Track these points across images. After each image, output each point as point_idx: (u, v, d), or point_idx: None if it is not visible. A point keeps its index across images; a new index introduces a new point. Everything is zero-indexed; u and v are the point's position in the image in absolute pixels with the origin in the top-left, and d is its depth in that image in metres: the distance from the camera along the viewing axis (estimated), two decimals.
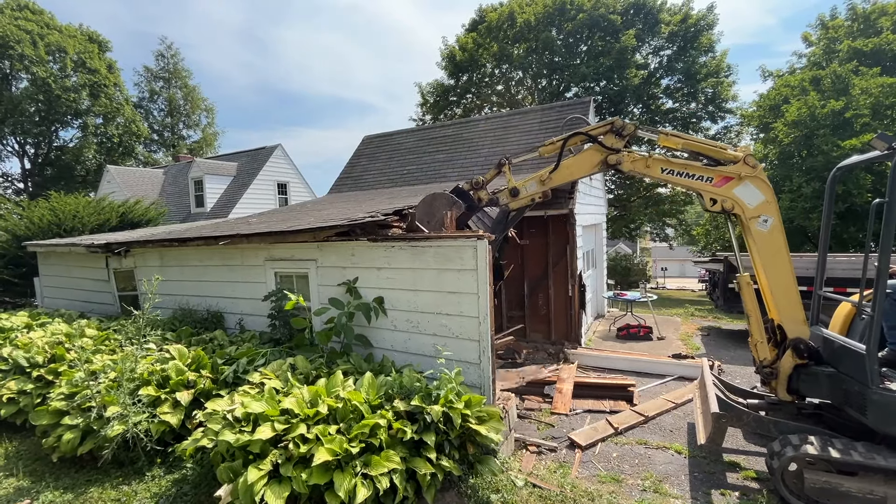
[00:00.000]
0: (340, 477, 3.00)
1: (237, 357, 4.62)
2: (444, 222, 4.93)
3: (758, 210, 4.22)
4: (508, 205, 4.90)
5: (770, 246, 4.21)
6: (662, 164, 4.44)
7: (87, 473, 3.86)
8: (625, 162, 4.46)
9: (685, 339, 10.24)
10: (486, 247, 4.60)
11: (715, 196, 4.29)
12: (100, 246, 7.41)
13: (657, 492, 4.18)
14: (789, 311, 4.31)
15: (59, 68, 29.56)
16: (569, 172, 4.72)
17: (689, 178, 4.38)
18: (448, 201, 4.88)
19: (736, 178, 4.21)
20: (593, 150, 4.60)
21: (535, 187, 4.79)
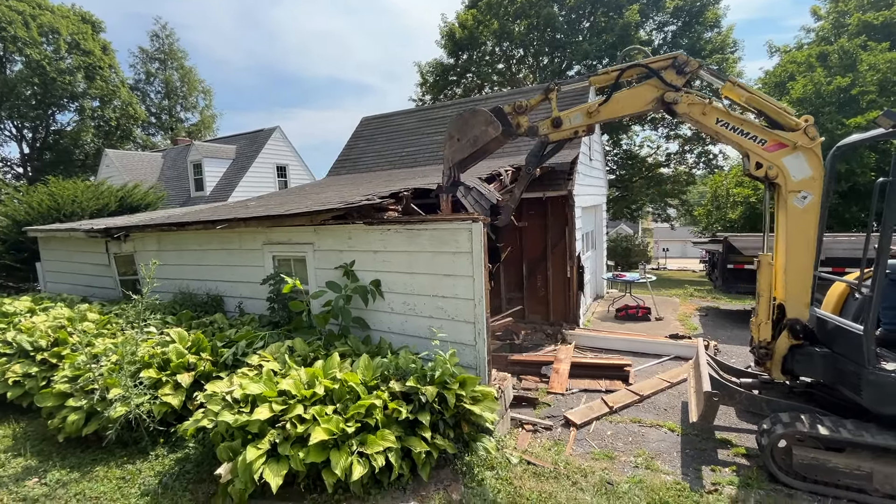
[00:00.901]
0: (337, 455, 3.08)
1: (236, 340, 4.69)
2: (475, 141, 4.58)
3: (801, 185, 4.03)
4: (548, 136, 4.54)
5: (801, 224, 4.06)
6: (720, 115, 4.13)
7: (92, 453, 3.97)
8: (681, 103, 4.14)
9: (683, 319, 10.30)
10: (480, 229, 4.60)
11: (762, 160, 4.06)
12: (99, 231, 7.44)
13: (649, 468, 4.28)
14: (798, 292, 4.20)
15: (53, 50, 29.14)
16: (620, 107, 4.39)
17: (741, 136, 4.11)
18: (486, 119, 4.49)
19: (790, 147, 4.00)
20: (650, 86, 4.27)
21: (581, 119, 4.44)
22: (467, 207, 6.25)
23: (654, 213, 27.76)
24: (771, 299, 4.39)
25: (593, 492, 3.82)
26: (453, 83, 28.35)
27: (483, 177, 7.48)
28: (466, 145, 4.65)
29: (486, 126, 4.52)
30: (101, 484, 3.51)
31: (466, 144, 4.64)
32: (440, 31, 27.53)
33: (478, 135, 4.56)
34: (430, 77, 28.38)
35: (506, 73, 27.67)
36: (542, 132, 4.55)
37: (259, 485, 2.98)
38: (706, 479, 4.06)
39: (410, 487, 3.39)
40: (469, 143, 4.63)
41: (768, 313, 4.38)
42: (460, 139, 4.68)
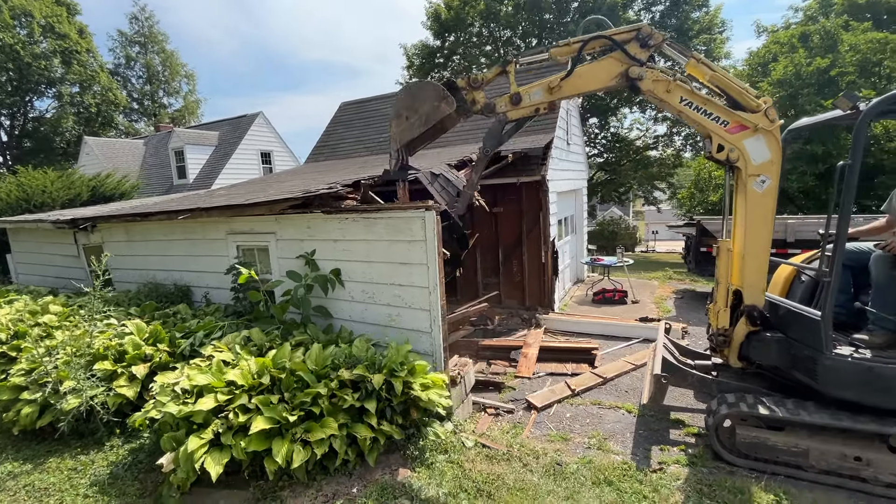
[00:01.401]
0: (279, 444, 3.14)
1: (195, 331, 4.70)
2: (426, 119, 4.16)
3: (760, 168, 3.95)
4: (507, 114, 4.20)
5: (759, 208, 4.00)
6: (684, 94, 3.96)
7: (47, 445, 4.01)
8: (646, 79, 3.94)
9: (659, 302, 10.44)
10: (433, 217, 4.59)
11: (724, 143, 3.95)
12: (66, 221, 7.35)
13: (600, 449, 4.39)
14: (754, 277, 4.18)
15: (27, 34, 28.27)
16: (583, 82, 4.12)
17: (705, 116, 3.98)
18: (437, 94, 4.07)
19: (751, 129, 3.88)
20: (614, 59, 4.03)
21: (542, 95, 4.15)
22: (433, 195, 6.24)
23: (640, 196, 27.82)
24: (728, 286, 4.42)
25: (541, 473, 3.92)
26: (440, 66, 27.92)
27: (453, 163, 7.45)
28: (416, 124, 4.22)
29: (437, 101, 4.08)
30: (52, 475, 3.56)
31: (416, 123, 4.22)
32: (426, 11, 27.03)
33: (429, 111, 4.12)
34: (416, 60, 27.94)
35: (493, 55, 27.28)
36: (499, 109, 4.21)
37: (202, 474, 3.03)
38: (654, 459, 4.18)
39: (357, 473, 3.46)
40: (419, 122, 4.20)
41: (726, 300, 4.40)
42: (409, 117, 4.25)
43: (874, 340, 3.58)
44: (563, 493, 3.63)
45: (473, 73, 4.14)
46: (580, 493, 3.62)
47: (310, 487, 3.25)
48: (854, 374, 3.47)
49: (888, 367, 3.36)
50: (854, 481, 3.67)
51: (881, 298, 3.59)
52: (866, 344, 3.60)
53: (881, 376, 3.38)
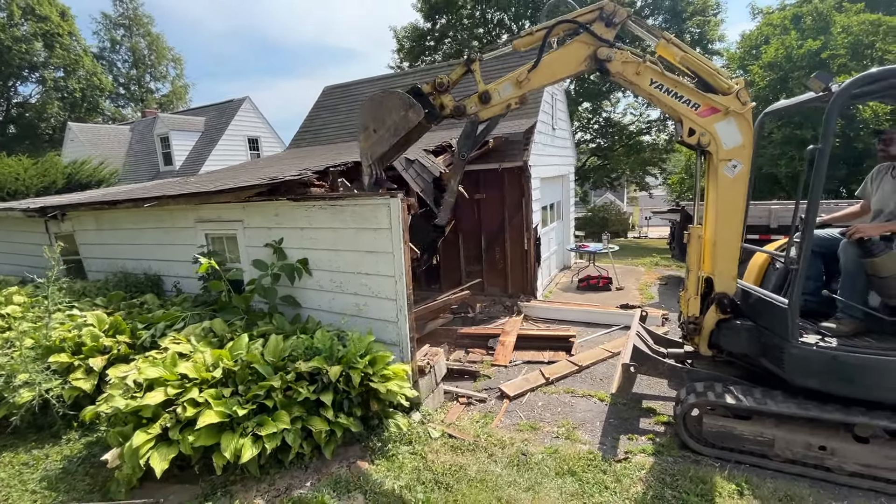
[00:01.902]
0: (228, 438, 3.06)
1: (156, 321, 4.60)
2: (395, 130, 3.96)
3: (731, 153, 3.84)
4: (478, 114, 4.05)
5: (730, 194, 3.90)
6: (654, 76, 3.84)
7: (4, 438, 3.93)
8: (615, 60, 3.80)
9: (643, 288, 10.40)
10: (398, 205, 4.45)
11: (695, 126, 3.83)
12: (35, 210, 7.18)
13: (568, 438, 4.36)
14: (725, 265, 4.10)
15: (7, 16, 27.50)
16: (551, 71, 3.97)
17: (675, 99, 3.85)
18: (403, 103, 3.87)
19: (722, 112, 3.77)
20: (580, 43, 3.88)
21: (511, 90, 3.97)
22: (408, 182, 6.10)
23: (632, 182, 27.68)
24: (699, 273, 4.35)
25: (506, 463, 3.88)
26: (431, 49, 27.42)
27: (430, 148, 7.30)
28: (385, 136, 4.00)
29: (404, 111, 3.86)
30: (2, 470, 3.48)
31: (385, 135, 4.00)
32: None
33: (397, 122, 3.91)
34: (407, 43, 27.40)
35: (485, 37, 26.78)
36: (470, 111, 4.03)
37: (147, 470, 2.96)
38: (620, 448, 4.15)
39: (313, 466, 3.40)
40: (388, 134, 3.98)
41: (697, 288, 4.34)
42: (377, 129, 4.03)
43: (841, 329, 3.53)
44: (524, 484, 3.59)
45: (438, 77, 3.95)
46: (541, 485, 3.58)
47: (262, 482, 3.19)
48: (819, 362, 3.43)
49: (852, 356, 3.31)
50: (818, 470, 3.65)
51: (848, 286, 3.53)
52: (833, 332, 3.55)
53: (845, 365, 3.33)
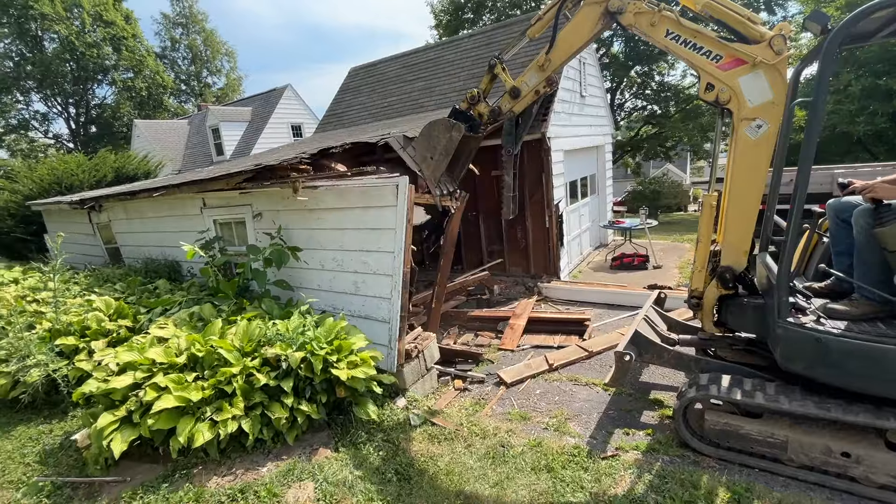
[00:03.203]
0: (184, 422, 3.11)
1: (154, 306, 4.81)
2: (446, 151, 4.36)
3: (756, 111, 3.31)
4: (513, 109, 4.17)
5: (751, 158, 3.40)
6: (670, 26, 3.50)
7: (21, 414, 4.32)
8: (627, 13, 3.55)
9: (684, 267, 9.55)
10: (405, 183, 4.42)
11: (713, 81, 3.39)
12: (77, 202, 7.79)
13: (557, 430, 4.06)
14: (736, 236, 3.65)
15: (80, 24, 29.99)
16: (568, 44, 3.88)
17: (693, 51, 3.45)
18: (446, 126, 4.31)
19: (749, 64, 3.27)
20: (590, 4, 3.70)
21: (536, 77, 3.99)
22: (406, 161, 5.90)
23: (689, 150, 25.46)
24: (708, 246, 3.87)
25: (481, 455, 3.68)
26: (469, 21, 26.48)
27: None
28: (441, 159, 4.39)
29: (448, 132, 4.29)
30: (11, 443, 3.83)
31: (441, 158, 4.39)
32: None
33: (445, 144, 4.32)
34: (444, 17, 26.65)
35: (524, 3, 25.38)
36: (505, 109, 4.13)
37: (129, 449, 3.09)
38: (612, 444, 3.80)
39: (275, 452, 3.40)
40: (442, 157, 4.38)
41: (705, 260, 3.87)
42: (433, 156, 4.43)
43: (852, 311, 2.97)
44: (493, 479, 3.38)
45: (469, 92, 4.23)
46: (512, 480, 3.35)
47: (221, 465, 3.24)
48: (803, 345, 3.00)
49: (836, 339, 2.79)
50: (841, 480, 3.12)
51: (862, 261, 2.96)
52: (841, 314, 3.00)
53: (829, 350, 2.84)
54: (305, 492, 2.97)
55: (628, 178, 31.14)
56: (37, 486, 3.17)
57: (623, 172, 33.52)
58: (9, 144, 32.99)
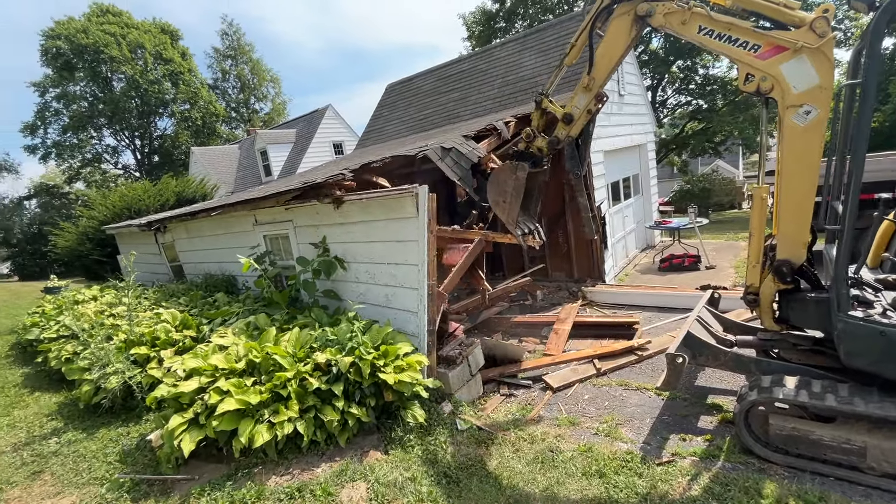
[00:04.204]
0: (245, 424, 3.30)
1: (214, 317, 5.14)
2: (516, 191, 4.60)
3: (803, 97, 3.17)
4: (570, 134, 4.33)
5: (801, 146, 3.26)
6: (702, 22, 3.47)
7: (103, 417, 4.72)
8: (656, 14, 3.60)
9: (741, 266, 9.04)
10: (425, 194, 4.46)
11: (752, 71, 3.32)
12: (145, 225, 8.48)
13: (608, 435, 3.95)
14: (793, 229, 3.50)
15: (143, 63, 32.78)
16: (607, 60, 3.99)
17: (729, 43, 3.39)
18: (510, 169, 4.57)
19: (790, 50, 3.17)
20: (620, 16, 3.78)
21: (585, 99, 4.14)
22: (445, 171, 6.01)
23: (741, 144, 24.13)
24: (762, 240, 3.72)
25: (530, 460, 3.64)
26: (501, 30, 26.64)
27: (471, 134, 7.09)
28: (513, 201, 4.63)
29: (514, 174, 4.52)
30: (96, 444, 4.19)
31: (512, 200, 4.63)
32: None
33: (514, 186, 4.55)
34: (476, 28, 26.96)
35: (557, 8, 25.23)
36: (562, 137, 4.34)
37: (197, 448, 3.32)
38: (667, 450, 3.65)
39: (329, 454, 3.52)
40: (513, 198, 4.62)
41: (759, 255, 3.72)
42: (505, 199, 4.67)
43: None
44: (543, 483, 3.33)
45: (525, 131, 4.47)
46: (562, 485, 3.29)
47: (279, 465, 3.39)
48: (866, 339, 2.85)
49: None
50: None
51: None
52: None
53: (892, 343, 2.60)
54: (358, 492, 3.06)
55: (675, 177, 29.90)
56: (118, 483, 3.46)
57: (669, 171, 32.24)
58: (84, 177, 36.36)
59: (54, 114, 32.96)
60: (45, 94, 32.25)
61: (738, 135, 23.37)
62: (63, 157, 34.24)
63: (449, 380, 4.53)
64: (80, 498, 3.41)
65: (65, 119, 33.06)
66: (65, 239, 13.28)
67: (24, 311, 9.66)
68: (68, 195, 34.10)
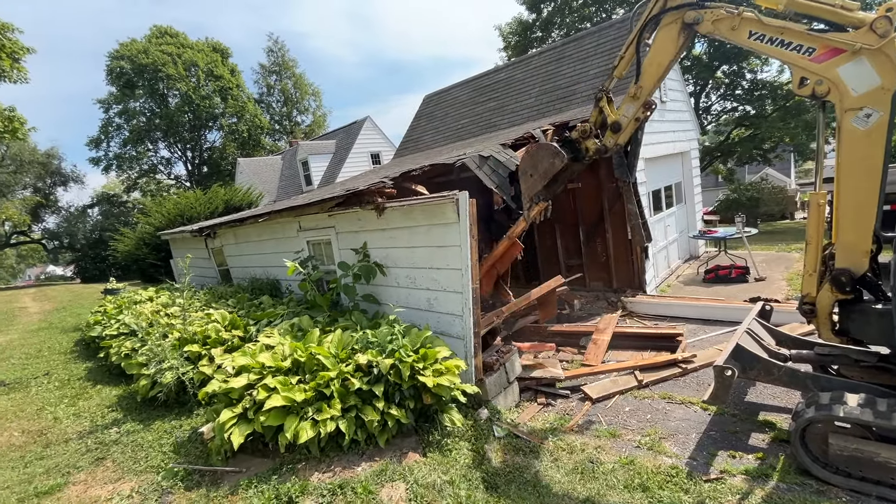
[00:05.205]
0: (290, 420, 3.43)
1: (260, 318, 5.37)
2: (545, 174, 4.66)
3: (863, 100, 3.07)
4: (618, 143, 4.33)
5: (862, 149, 3.14)
6: (752, 27, 3.40)
7: (158, 410, 5.01)
8: (705, 21, 3.56)
9: (794, 278, 8.56)
10: (466, 199, 4.53)
11: (807, 74, 3.24)
12: (195, 231, 8.97)
13: (651, 449, 3.83)
14: (854, 237, 3.33)
15: (195, 80, 34.88)
16: (655, 69, 3.99)
17: (781, 47, 3.31)
18: (551, 152, 4.56)
19: (848, 52, 3.07)
20: (667, 25, 3.77)
21: (633, 107, 4.15)
22: (482, 179, 6.07)
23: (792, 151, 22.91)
24: (819, 248, 3.55)
25: (568, 470, 3.59)
26: (537, 40, 26.63)
27: (508, 142, 7.14)
28: (538, 179, 4.71)
29: (552, 159, 4.55)
30: (152, 435, 4.44)
31: (538, 178, 4.71)
32: None
33: (546, 168, 4.62)
34: (512, 39, 27.08)
35: (595, 17, 25.00)
36: (609, 145, 4.35)
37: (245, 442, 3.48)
38: (715, 467, 3.50)
39: (369, 453, 3.59)
40: (540, 177, 4.70)
41: (816, 264, 3.55)
42: (532, 174, 4.76)
43: None
44: (583, 494, 3.27)
45: (581, 126, 4.40)
46: (603, 497, 3.22)
47: (321, 462, 3.49)
48: None
49: None
50: None
51: None
52: None
53: None
54: (398, 492, 3.11)
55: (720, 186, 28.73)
56: (172, 472, 3.66)
57: (713, 180, 31.02)
58: (141, 186, 38.87)
59: (116, 128, 35.52)
60: (109, 110, 34.84)
61: (789, 141, 22.21)
62: (122, 169, 36.78)
63: (486, 386, 4.53)
64: (139, 484, 3.62)
65: (125, 133, 35.55)
66: (124, 244, 14.29)
67: (86, 311, 10.40)
68: (126, 203, 36.57)
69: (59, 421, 5.16)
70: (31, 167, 28.20)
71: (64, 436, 4.76)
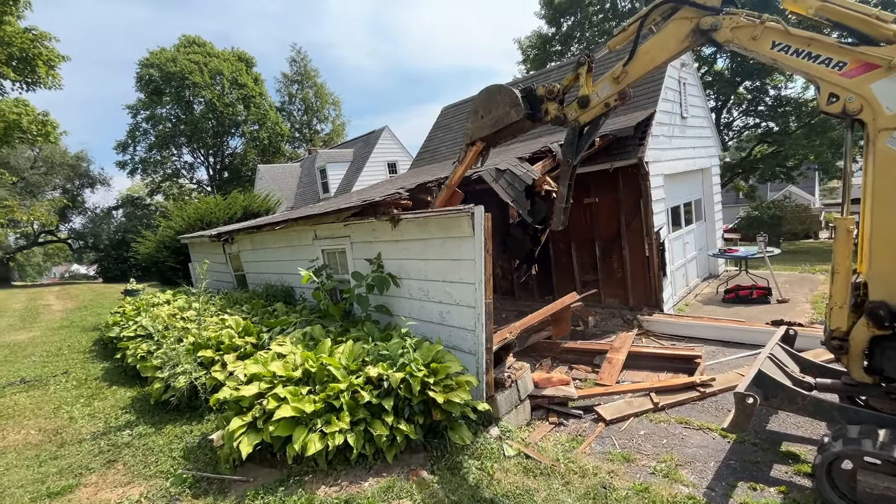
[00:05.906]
0: (299, 431, 3.41)
1: (273, 326, 5.40)
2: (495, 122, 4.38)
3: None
4: (578, 119, 4.04)
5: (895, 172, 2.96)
6: (776, 37, 3.16)
7: (170, 414, 5.05)
8: (723, 28, 3.28)
9: (818, 301, 8.29)
10: (482, 213, 4.50)
11: (837, 90, 3.03)
12: (213, 236, 9.13)
13: (667, 476, 3.70)
14: (889, 266, 3.11)
15: (220, 88, 35.83)
16: (649, 58, 3.69)
17: (808, 60, 3.08)
18: (510, 100, 4.24)
19: (883, 67, 2.89)
20: (680, 19, 3.49)
21: (609, 88, 3.85)
22: (498, 193, 6.05)
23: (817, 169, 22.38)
24: (851, 276, 3.36)
25: (580, 495, 3.48)
26: (557, 53, 26.71)
27: (525, 156, 7.12)
28: (487, 124, 4.46)
29: (508, 108, 4.25)
30: (163, 438, 4.47)
31: (487, 123, 4.46)
32: None
33: (499, 115, 4.34)
34: (531, 52, 27.22)
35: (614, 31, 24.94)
36: (571, 118, 4.08)
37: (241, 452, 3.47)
38: (735, 498, 3.36)
39: (376, 468, 3.55)
40: (490, 123, 4.44)
41: (846, 295, 3.36)
42: (483, 116, 4.49)
43: None
44: None
45: (551, 84, 4.14)
46: None
47: (328, 476, 3.46)
48: None
49: None
50: None
51: None
52: None
53: None
54: None
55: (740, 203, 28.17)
56: (181, 478, 3.66)
57: (734, 197, 30.45)
58: (164, 190, 39.87)
59: (143, 133, 36.61)
60: (137, 115, 35.96)
61: (813, 159, 21.73)
62: (147, 172, 37.82)
63: (497, 403, 4.45)
64: (148, 489, 3.64)
65: (151, 138, 36.61)
66: (145, 246, 14.64)
67: (106, 311, 10.64)
68: (149, 206, 37.51)
69: (75, 420, 5.24)
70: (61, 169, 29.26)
71: (78, 436, 4.83)
